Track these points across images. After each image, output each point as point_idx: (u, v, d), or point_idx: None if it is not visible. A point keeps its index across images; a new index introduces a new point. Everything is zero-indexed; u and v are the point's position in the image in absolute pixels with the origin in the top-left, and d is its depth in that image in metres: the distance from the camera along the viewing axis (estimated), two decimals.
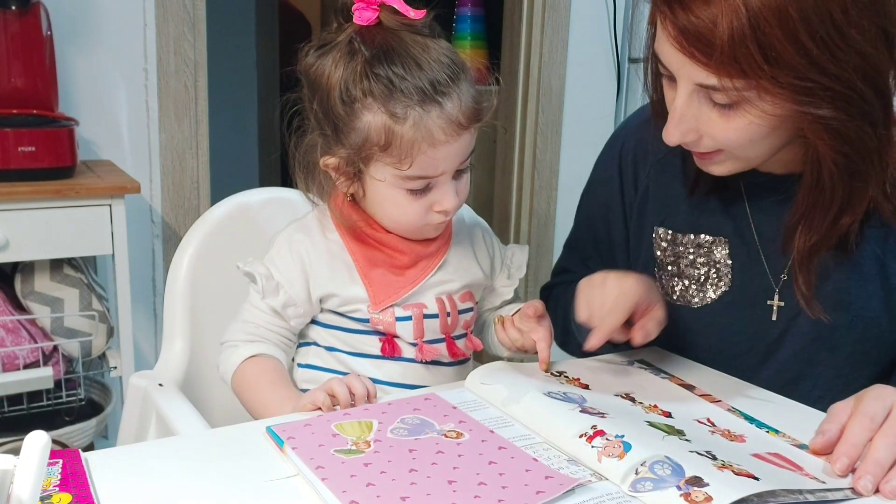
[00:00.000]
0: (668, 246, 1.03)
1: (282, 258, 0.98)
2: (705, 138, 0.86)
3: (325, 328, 1.01)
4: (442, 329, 0.99)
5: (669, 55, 0.82)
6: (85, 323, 1.77)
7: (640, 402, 0.85)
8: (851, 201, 0.86)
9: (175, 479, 0.71)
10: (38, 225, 1.66)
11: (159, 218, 2.15)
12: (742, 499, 0.63)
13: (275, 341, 0.99)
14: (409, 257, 0.97)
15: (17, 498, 0.50)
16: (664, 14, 0.81)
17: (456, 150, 0.91)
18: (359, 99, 0.88)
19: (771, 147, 0.86)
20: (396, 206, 0.93)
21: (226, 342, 1.00)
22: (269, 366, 0.97)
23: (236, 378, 0.97)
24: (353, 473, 0.69)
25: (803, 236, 0.88)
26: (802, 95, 0.78)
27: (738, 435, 0.79)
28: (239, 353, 0.97)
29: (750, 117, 0.81)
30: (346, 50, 0.90)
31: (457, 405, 0.84)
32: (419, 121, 0.87)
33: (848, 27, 0.76)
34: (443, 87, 0.88)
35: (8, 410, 1.75)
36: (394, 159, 0.89)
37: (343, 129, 0.91)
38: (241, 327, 0.99)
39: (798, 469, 0.71)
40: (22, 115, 1.70)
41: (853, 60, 0.77)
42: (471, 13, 3.12)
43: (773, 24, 0.75)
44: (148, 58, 2.07)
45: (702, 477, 0.66)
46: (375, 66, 0.88)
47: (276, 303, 0.97)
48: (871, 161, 0.83)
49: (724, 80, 0.79)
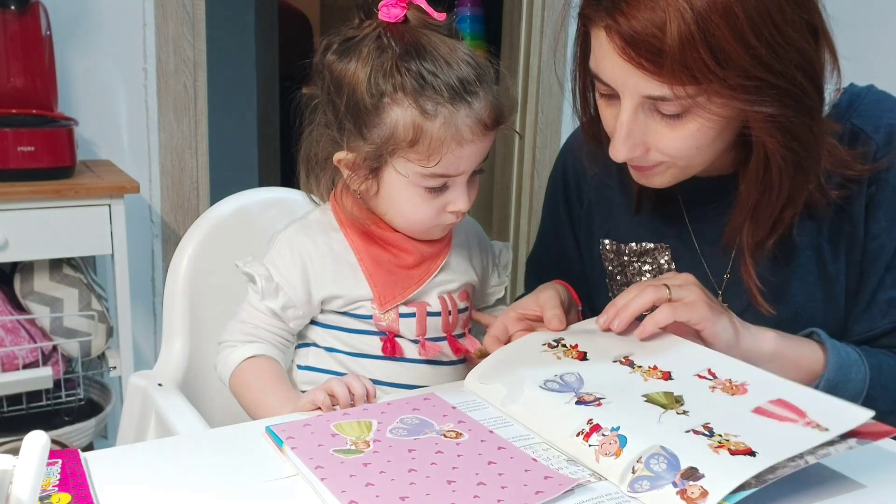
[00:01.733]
0: (614, 257, 1.06)
1: (282, 259, 0.97)
2: (653, 151, 0.86)
3: (325, 328, 1.00)
4: (444, 327, 1.00)
5: (614, 69, 0.82)
6: (84, 323, 1.77)
7: (639, 367, 0.83)
8: (793, 195, 0.87)
9: (174, 480, 0.71)
10: (38, 225, 1.66)
11: (158, 218, 2.15)
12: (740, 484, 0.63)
13: (273, 342, 0.99)
14: (415, 257, 0.98)
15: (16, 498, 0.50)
16: (608, 26, 0.80)
17: (479, 151, 0.91)
18: (388, 93, 0.88)
19: (715, 152, 0.87)
20: (411, 204, 0.93)
21: (224, 342, 1.00)
22: (268, 366, 0.97)
23: (235, 378, 0.97)
24: (353, 473, 0.69)
25: (750, 232, 0.89)
26: (751, 95, 0.79)
27: (741, 384, 0.77)
28: (237, 353, 0.97)
29: (697, 124, 0.82)
30: (374, 45, 0.89)
31: (456, 405, 0.84)
32: (449, 119, 0.88)
33: (784, 24, 0.78)
34: (472, 86, 0.89)
35: (7, 410, 1.75)
36: (420, 156, 0.89)
37: (368, 124, 0.90)
38: (240, 327, 0.99)
39: (801, 416, 0.70)
40: (21, 114, 1.70)
41: (793, 57, 0.79)
42: (470, 13, 3.12)
43: (720, 24, 0.76)
44: (147, 57, 2.07)
45: (697, 468, 0.66)
46: (407, 62, 0.88)
47: (275, 304, 0.97)
48: (813, 154, 0.85)
49: (676, 87, 0.79)
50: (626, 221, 1.04)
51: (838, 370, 0.87)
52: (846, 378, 0.87)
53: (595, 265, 1.09)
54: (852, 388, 0.87)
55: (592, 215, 1.09)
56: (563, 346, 0.90)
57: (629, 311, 0.85)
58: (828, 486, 0.70)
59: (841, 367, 0.87)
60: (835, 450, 0.67)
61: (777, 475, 0.65)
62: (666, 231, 1.02)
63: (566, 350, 0.89)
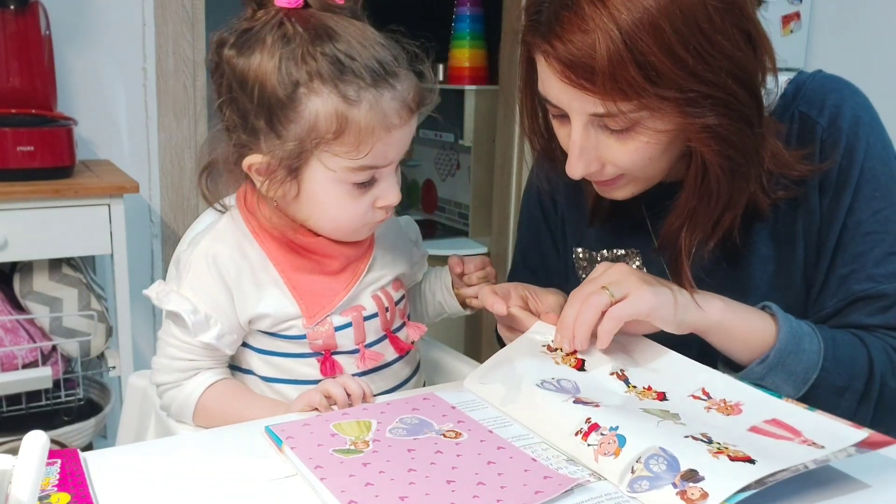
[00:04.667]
0: (587, 265, 1.06)
1: (202, 283, 0.88)
2: (608, 165, 0.88)
3: (258, 354, 0.93)
4: (383, 326, 0.95)
5: (558, 91, 0.83)
6: (84, 322, 1.77)
7: (633, 387, 0.84)
8: (732, 199, 0.88)
9: (174, 479, 0.71)
10: (37, 225, 1.66)
11: (158, 217, 2.15)
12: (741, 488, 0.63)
13: (218, 367, 0.92)
14: (340, 261, 0.91)
15: (15, 498, 0.50)
16: (545, 51, 0.82)
17: (406, 136, 0.86)
18: (303, 82, 0.80)
19: (669, 161, 0.88)
20: (338, 203, 0.86)
21: (164, 384, 0.91)
22: (234, 385, 0.92)
23: (202, 411, 0.90)
24: (352, 473, 0.69)
25: (688, 236, 0.90)
26: (687, 107, 0.80)
27: (735, 404, 0.78)
28: (190, 387, 0.90)
29: (646, 137, 0.83)
30: (279, 33, 0.81)
31: (455, 405, 0.84)
32: (374, 104, 0.81)
33: (714, 33, 0.78)
34: (391, 67, 0.82)
35: (6, 410, 1.75)
36: (347, 147, 0.81)
37: (283, 119, 0.82)
38: (176, 365, 0.90)
39: (796, 435, 0.71)
40: (20, 114, 1.70)
41: (725, 65, 0.79)
42: (470, 13, 3.12)
43: (647, 41, 0.77)
44: (147, 57, 2.07)
45: (697, 470, 0.66)
46: (319, 46, 0.80)
47: (208, 337, 0.87)
48: (752, 160, 0.85)
49: (611, 104, 0.80)
50: (595, 230, 1.06)
51: (790, 340, 0.86)
52: (798, 348, 0.86)
53: (570, 275, 1.10)
54: (806, 359, 0.86)
55: (566, 225, 1.11)
56: (560, 350, 0.91)
57: (583, 330, 0.84)
58: (832, 486, 0.70)
59: (794, 337, 0.86)
60: (834, 456, 0.68)
61: (778, 478, 0.65)
62: (633, 237, 1.03)
63: (564, 357, 0.90)
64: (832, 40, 2.24)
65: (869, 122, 0.91)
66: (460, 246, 3.13)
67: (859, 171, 0.90)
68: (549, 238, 1.15)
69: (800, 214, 0.93)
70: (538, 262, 1.17)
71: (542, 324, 0.95)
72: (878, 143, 0.91)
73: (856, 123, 0.90)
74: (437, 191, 3.62)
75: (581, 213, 1.08)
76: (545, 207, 1.14)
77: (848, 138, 0.90)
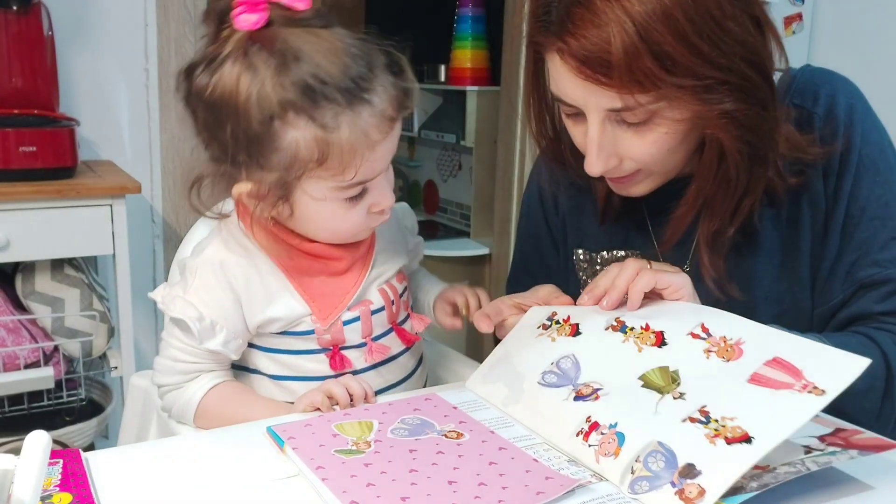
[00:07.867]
0: (587, 266, 1.06)
1: (208, 290, 0.87)
2: (626, 161, 0.88)
3: (266, 353, 0.93)
4: (389, 319, 0.95)
5: (574, 89, 0.84)
6: (86, 323, 1.77)
7: (631, 329, 0.83)
8: (751, 184, 0.88)
9: (175, 479, 0.71)
10: (39, 225, 1.66)
11: (160, 218, 2.16)
12: (740, 486, 0.63)
13: (221, 370, 0.92)
14: (345, 261, 0.91)
15: (17, 498, 0.50)
16: (559, 49, 0.82)
17: (391, 145, 0.85)
18: (277, 115, 0.78)
19: (686, 153, 0.89)
20: (334, 217, 0.85)
21: (165, 386, 0.91)
22: (237, 387, 0.92)
23: (203, 413, 0.89)
24: (354, 473, 0.69)
25: (706, 222, 0.90)
26: (704, 94, 0.80)
27: (736, 343, 0.76)
28: (192, 389, 0.90)
29: (664, 129, 0.84)
30: (244, 64, 0.78)
31: (457, 405, 0.84)
32: (353, 125, 0.79)
33: (725, 19, 0.79)
34: (365, 81, 0.80)
35: (9, 410, 1.75)
36: (333, 171, 0.80)
37: (263, 152, 0.80)
38: (179, 367, 0.90)
39: (797, 377, 0.70)
40: (23, 115, 1.71)
41: (738, 51, 0.80)
42: (471, 14, 3.12)
43: (661, 30, 0.77)
44: (149, 58, 2.07)
45: (694, 464, 0.66)
46: (286, 74, 0.77)
47: (214, 344, 0.88)
48: (769, 143, 0.86)
49: (628, 97, 0.80)
50: (596, 231, 1.06)
51: None
52: None
53: (571, 276, 1.10)
54: None
55: (567, 226, 1.11)
56: (556, 322, 0.90)
57: (622, 284, 0.85)
58: (835, 487, 0.70)
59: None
60: (836, 459, 0.68)
61: (779, 480, 0.65)
62: (633, 238, 1.03)
63: (560, 327, 0.89)
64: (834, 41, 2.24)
65: (863, 110, 0.93)
66: (462, 246, 3.13)
67: (858, 157, 0.91)
68: (549, 239, 1.15)
69: (804, 202, 0.93)
70: (538, 263, 1.17)
71: (535, 308, 0.95)
72: (872, 130, 0.93)
73: (851, 112, 0.92)
74: (439, 191, 3.62)
75: (584, 214, 1.08)
76: (546, 208, 1.14)
77: (845, 126, 0.91)
